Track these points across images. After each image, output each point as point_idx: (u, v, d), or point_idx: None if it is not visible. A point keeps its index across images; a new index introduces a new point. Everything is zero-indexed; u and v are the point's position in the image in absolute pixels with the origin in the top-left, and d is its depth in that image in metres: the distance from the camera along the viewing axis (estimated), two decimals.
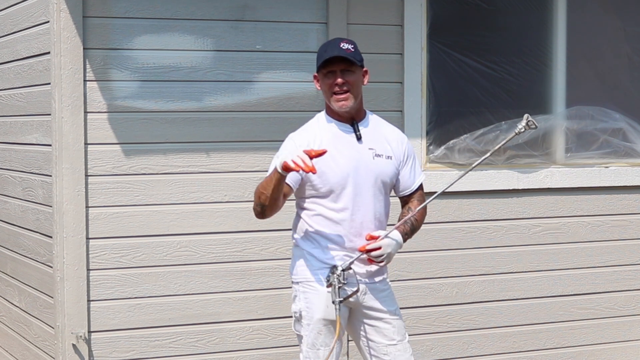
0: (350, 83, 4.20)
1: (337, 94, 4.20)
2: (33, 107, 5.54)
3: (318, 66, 4.22)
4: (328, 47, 4.23)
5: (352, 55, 4.19)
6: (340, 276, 4.12)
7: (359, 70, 4.24)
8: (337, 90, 4.19)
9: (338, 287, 4.11)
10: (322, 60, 4.18)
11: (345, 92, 4.19)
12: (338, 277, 4.12)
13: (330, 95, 4.22)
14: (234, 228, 5.41)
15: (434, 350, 5.86)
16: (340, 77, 4.18)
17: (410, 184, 4.41)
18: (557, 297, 6.14)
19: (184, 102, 5.30)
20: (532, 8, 6.09)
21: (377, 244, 4.20)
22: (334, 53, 4.17)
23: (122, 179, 5.22)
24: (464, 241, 5.90)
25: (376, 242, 4.20)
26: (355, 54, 4.21)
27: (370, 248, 4.19)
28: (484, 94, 5.98)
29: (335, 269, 4.15)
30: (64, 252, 5.11)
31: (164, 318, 5.32)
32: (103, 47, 5.15)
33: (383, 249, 4.20)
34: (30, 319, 5.76)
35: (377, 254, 4.21)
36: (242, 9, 5.39)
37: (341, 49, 4.18)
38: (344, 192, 4.23)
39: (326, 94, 4.24)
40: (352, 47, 4.21)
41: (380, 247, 4.20)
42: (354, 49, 4.21)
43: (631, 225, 6.32)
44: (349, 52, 4.18)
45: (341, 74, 4.18)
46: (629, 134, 6.35)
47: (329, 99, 4.24)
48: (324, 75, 4.21)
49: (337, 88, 4.19)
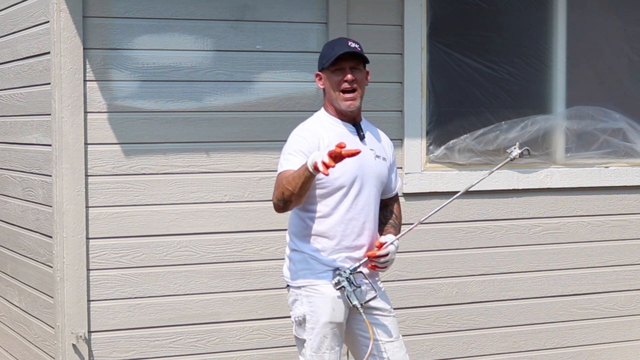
0: (358, 81, 4.23)
1: (346, 91, 4.21)
2: (33, 107, 5.54)
3: (325, 63, 4.22)
4: (335, 45, 4.26)
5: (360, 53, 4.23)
6: (350, 279, 4.15)
7: (364, 70, 4.27)
8: (346, 88, 4.21)
9: (353, 290, 4.13)
10: (332, 57, 4.19)
11: (354, 90, 4.21)
12: (349, 280, 4.14)
13: (337, 94, 4.22)
14: (234, 228, 5.41)
15: (434, 350, 5.86)
16: (350, 74, 4.19)
17: (395, 187, 4.50)
18: (557, 297, 6.14)
19: (184, 102, 5.30)
20: (532, 8, 6.09)
21: (386, 250, 4.23)
22: (343, 50, 4.19)
23: (122, 179, 5.22)
24: (464, 241, 5.90)
25: (384, 248, 4.23)
26: (363, 53, 4.25)
27: (381, 254, 4.23)
28: (484, 94, 5.98)
29: (340, 272, 4.16)
30: (64, 252, 5.11)
31: (164, 318, 5.32)
32: (103, 47, 5.15)
33: (390, 256, 4.26)
34: (30, 319, 5.76)
35: (383, 260, 4.26)
36: (242, 9, 5.39)
37: (350, 47, 4.21)
38: (350, 192, 4.24)
39: (332, 92, 4.24)
40: (358, 46, 4.25)
41: (388, 253, 4.25)
42: (360, 48, 4.25)
43: (631, 225, 6.32)
44: (358, 51, 4.23)
45: (350, 71, 4.20)
46: (629, 134, 6.35)
47: (335, 98, 4.24)
48: (331, 72, 4.22)
49: (346, 85, 4.20)
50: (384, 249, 4.24)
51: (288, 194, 4.06)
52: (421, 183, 5.74)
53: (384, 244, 4.25)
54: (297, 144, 4.21)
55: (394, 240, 4.27)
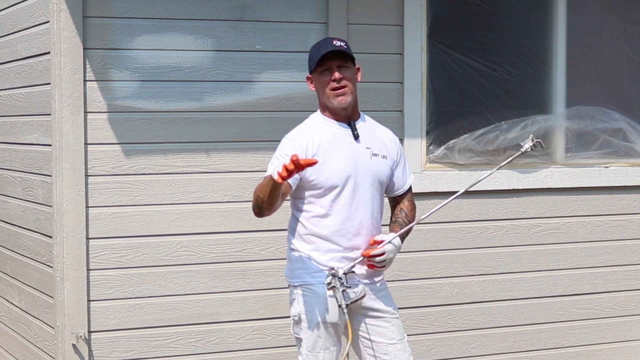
0: (347, 78, 4.22)
1: (336, 89, 4.21)
2: (33, 107, 5.54)
3: (313, 66, 4.23)
4: (320, 46, 4.26)
5: (346, 50, 4.22)
6: (342, 279, 4.13)
7: (353, 67, 4.27)
8: (335, 86, 4.21)
9: (342, 290, 4.12)
10: (317, 58, 4.20)
11: (344, 87, 4.21)
12: (340, 280, 4.13)
13: (328, 93, 4.22)
14: (234, 228, 5.41)
15: (434, 350, 5.86)
16: (337, 72, 4.20)
17: (403, 185, 4.44)
18: (557, 297, 6.14)
19: (184, 102, 5.30)
20: (532, 8, 6.09)
21: (381, 249, 4.21)
22: (328, 49, 4.19)
23: (122, 179, 5.22)
24: (464, 241, 5.90)
25: (380, 247, 4.21)
26: (348, 50, 4.24)
27: (375, 254, 4.20)
28: (484, 94, 5.98)
29: (334, 272, 4.15)
30: (64, 252, 5.11)
31: (164, 318, 5.32)
32: (103, 47, 5.15)
33: (386, 255, 4.22)
34: (30, 319, 5.76)
35: (380, 259, 4.22)
36: (242, 9, 5.39)
37: (334, 46, 4.21)
38: (344, 191, 4.23)
39: (323, 92, 4.25)
40: (344, 44, 4.25)
41: (384, 252, 4.21)
42: (346, 46, 4.24)
43: (631, 225, 6.32)
44: (343, 48, 4.22)
45: (337, 69, 4.20)
46: (629, 134, 6.35)
47: (326, 97, 4.24)
48: (319, 73, 4.23)
49: (334, 84, 4.20)
50: (378, 248, 4.22)
51: (260, 200, 4.08)
52: (421, 183, 5.73)
53: (379, 242, 4.24)
54: (284, 148, 4.22)
55: (391, 239, 4.24)
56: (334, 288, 4.12)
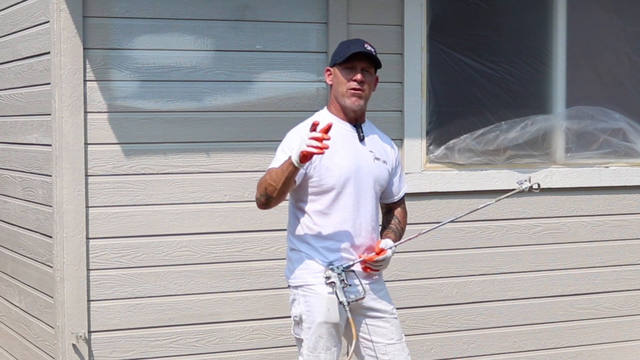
0: (367, 83, 4.25)
1: (355, 89, 4.22)
2: (33, 107, 5.54)
3: (338, 60, 4.23)
4: (352, 44, 4.27)
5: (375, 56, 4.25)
6: (341, 276, 4.14)
7: (374, 75, 4.29)
8: (355, 87, 4.22)
9: (342, 287, 4.13)
10: (346, 54, 4.21)
11: (362, 90, 4.23)
12: (339, 277, 4.14)
13: (345, 91, 4.23)
14: (234, 228, 5.41)
15: (434, 350, 5.86)
16: (360, 74, 4.21)
17: (398, 192, 4.48)
18: (557, 297, 6.14)
19: (184, 102, 5.30)
20: (532, 8, 6.09)
21: (382, 256, 4.24)
22: (359, 49, 4.21)
23: (122, 179, 5.22)
24: (464, 241, 5.91)
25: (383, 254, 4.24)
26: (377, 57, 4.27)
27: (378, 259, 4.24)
28: (484, 94, 5.98)
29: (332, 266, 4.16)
30: (64, 252, 5.11)
31: (164, 318, 5.32)
32: (103, 47, 5.15)
33: (385, 261, 4.28)
34: (30, 319, 5.76)
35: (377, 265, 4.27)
36: (242, 9, 5.39)
37: (365, 48, 4.24)
38: (345, 191, 4.23)
39: (339, 88, 4.24)
40: (374, 50, 4.28)
41: (385, 258, 4.26)
42: (375, 52, 4.27)
43: (631, 225, 6.32)
44: (373, 53, 4.26)
45: (361, 71, 4.22)
46: (629, 134, 6.35)
47: (341, 94, 4.24)
48: (343, 68, 4.23)
49: (354, 84, 4.22)
50: (382, 255, 4.25)
51: (271, 189, 4.08)
52: (421, 183, 5.74)
53: (383, 250, 4.26)
54: (289, 141, 4.22)
55: (392, 246, 4.27)
56: (332, 283, 4.13)
